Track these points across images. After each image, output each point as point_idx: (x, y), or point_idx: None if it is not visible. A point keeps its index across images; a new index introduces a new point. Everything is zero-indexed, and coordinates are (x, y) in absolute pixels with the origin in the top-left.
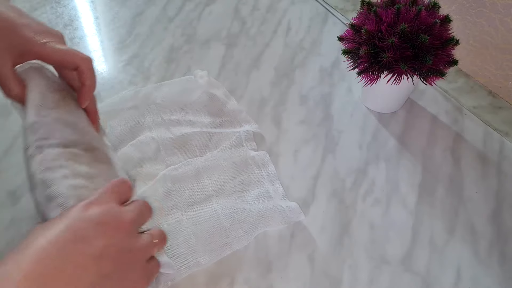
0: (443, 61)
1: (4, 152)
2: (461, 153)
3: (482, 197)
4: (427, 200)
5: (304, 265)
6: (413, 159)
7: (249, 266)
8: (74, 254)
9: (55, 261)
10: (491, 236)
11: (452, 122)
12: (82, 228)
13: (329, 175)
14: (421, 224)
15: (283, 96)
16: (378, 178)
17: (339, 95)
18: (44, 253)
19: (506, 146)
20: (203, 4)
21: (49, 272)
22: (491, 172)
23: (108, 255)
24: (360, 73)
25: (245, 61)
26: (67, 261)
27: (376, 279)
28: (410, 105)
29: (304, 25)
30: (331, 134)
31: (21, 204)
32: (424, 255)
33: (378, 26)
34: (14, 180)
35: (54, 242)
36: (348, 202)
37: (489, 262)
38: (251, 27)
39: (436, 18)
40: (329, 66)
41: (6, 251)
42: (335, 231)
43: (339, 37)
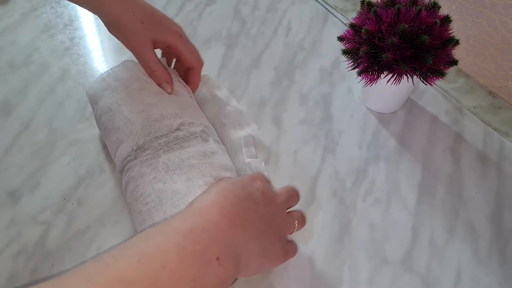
0: (443, 61)
1: (4, 152)
2: (461, 153)
3: (482, 197)
4: (427, 200)
5: (304, 265)
6: (413, 159)
7: None
8: (248, 208)
9: (235, 205)
10: (491, 236)
11: (452, 122)
12: (252, 192)
13: (329, 175)
14: (421, 224)
15: (283, 96)
16: (378, 178)
17: (339, 95)
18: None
19: (506, 146)
20: (203, 4)
21: (231, 211)
22: (491, 172)
23: (266, 219)
24: (360, 73)
25: (245, 61)
26: (244, 210)
27: (376, 279)
28: (410, 105)
29: (304, 25)
30: (331, 134)
31: (21, 204)
32: (424, 255)
33: (378, 26)
34: (14, 180)
35: (235, 192)
36: (348, 202)
37: (489, 262)
38: (251, 27)
39: (436, 18)
40: (329, 66)
41: (6, 251)
42: (335, 231)
43: (339, 37)
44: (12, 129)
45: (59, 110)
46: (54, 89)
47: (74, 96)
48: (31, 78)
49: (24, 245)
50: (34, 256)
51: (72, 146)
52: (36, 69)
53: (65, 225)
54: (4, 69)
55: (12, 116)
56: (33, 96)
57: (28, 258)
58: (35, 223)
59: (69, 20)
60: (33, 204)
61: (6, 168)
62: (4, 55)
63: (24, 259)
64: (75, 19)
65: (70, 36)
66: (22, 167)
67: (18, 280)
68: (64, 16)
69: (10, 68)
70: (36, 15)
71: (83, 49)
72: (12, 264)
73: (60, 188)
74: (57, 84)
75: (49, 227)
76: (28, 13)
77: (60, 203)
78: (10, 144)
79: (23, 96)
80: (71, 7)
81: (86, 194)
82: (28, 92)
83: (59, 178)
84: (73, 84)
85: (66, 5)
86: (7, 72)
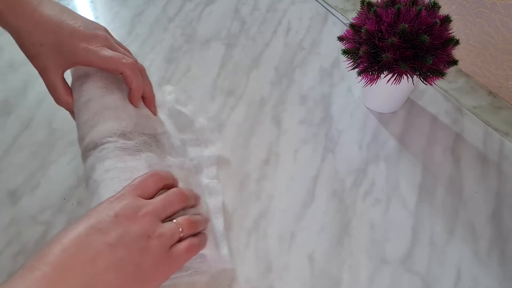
0: (443, 61)
1: (4, 152)
2: (461, 153)
3: (482, 197)
4: (427, 200)
5: (304, 265)
6: (413, 159)
7: (249, 266)
8: (90, 243)
9: (70, 250)
10: (491, 236)
11: (452, 122)
12: (100, 221)
13: (329, 175)
14: (421, 224)
15: (283, 96)
16: (378, 178)
17: (339, 95)
18: (61, 246)
19: (506, 146)
20: (203, 4)
21: (65, 259)
22: (491, 172)
23: (122, 242)
24: (360, 73)
25: (245, 61)
26: (83, 249)
27: (376, 279)
28: (410, 105)
29: (304, 25)
30: (331, 134)
31: (21, 204)
32: (424, 255)
33: (378, 26)
34: (14, 180)
35: (72, 236)
36: (348, 202)
37: (489, 262)
38: (251, 27)
39: (436, 18)
40: (329, 66)
41: (6, 251)
42: (335, 231)
43: (339, 37)
44: (12, 129)
45: (59, 110)
46: None
47: None
48: (31, 78)
49: (24, 245)
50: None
51: (72, 146)
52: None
53: (65, 225)
54: (4, 69)
55: (12, 116)
56: (33, 96)
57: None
58: (35, 223)
59: None
60: (33, 204)
61: (6, 168)
62: (4, 55)
63: (24, 259)
64: None
65: None
66: (22, 167)
67: None
68: None
69: (10, 68)
70: None
71: None
72: (12, 264)
73: (60, 188)
74: None
75: (49, 227)
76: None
77: (60, 203)
78: (10, 144)
79: (23, 96)
80: (71, 7)
81: (86, 194)
82: (28, 92)
83: (59, 178)
84: None
85: (66, 5)
86: (7, 72)
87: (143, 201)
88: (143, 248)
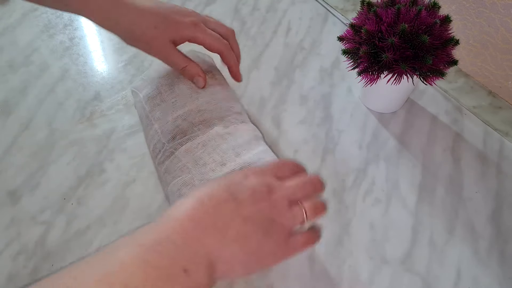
0: (443, 61)
1: (4, 152)
2: (461, 153)
3: (482, 197)
4: (427, 200)
5: (304, 265)
6: (413, 159)
7: None
8: (226, 210)
9: (209, 211)
10: (491, 236)
11: (452, 122)
12: (238, 191)
13: (329, 175)
14: (421, 224)
15: (283, 96)
16: (378, 178)
17: (339, 95)
18: (201, 204)
19: (506, 146)
20: (203, 4)
21: (203, 218)
22: (491, 172)
23: (253, 218)
24: (360, 73)
25: (245, 61)
26: (220, 214)
27: (376, 279)
28: (410, 105)
29: (304, 25)
30: (331, 134)
31: (21, 204)
32: (424, 255)
33: (378, 26)
34: (14, 180)
35: (212, 195)
36: (348, 202)
37: (489, 262)
38: (251, 27)
39: (436, 18)
40: (329, 66)
41: (6, 251)
42: (335, 231)
43: (339, 37)
44: (12, 129)
45: (59, 110)
46: (54, 89)
47: (74, 96)
48: (31, 78)
49: (24, 245)
50: (34, 256)
51: (72, 146)
52: (36, 69)
53: (65, 225)
54: (4, 69)
55: (12, 116)
56: (33, 96)
57: (28, 258)
58: (35, 223)
59: (69, 20)
60: (33, 204)
61: (6, 168)
62: (4, 55)
63: (24, 259)
64: (75, 19)
65: (70, 36)
66: (22, 167)
67: (18, 280)
68: (64, 16)
69: (10, 68)
70: (36, 15)
71: (83, 49)
72: (12, 264)
73: (60, 188)
74: (57, 84)
75: (49, 227)
76: (28, 13)
77: (60, 203)
78: (10, 144)
79: (23, 96)
80: None
81: (86, 194)
82: (28, 92)
83: (59, 178)
84: (73, 84)
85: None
86: (7, 72)
87: (278, 183)
88: (266, 230)
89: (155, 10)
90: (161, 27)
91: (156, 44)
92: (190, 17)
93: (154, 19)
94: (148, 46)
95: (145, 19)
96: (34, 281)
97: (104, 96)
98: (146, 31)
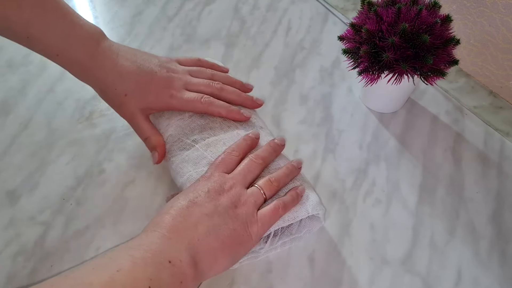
0: (444, 60)
1: (3, 152)
2: (462, 153)
3: (482, 198)
4: (428, 200)
5: (304, 265)
6: (414, 159)
7: (249, 266)
8: (191, 213)
9: (177, 218)
10: (491, 237)
11: (453, 122)
12: (197, 196)
13: (329, 175)
14: (421, 225)
15: (283, 96)
16: (379, 178)
17: (339, 95)
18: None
19: (507, 146)
20: (202, 3)
21: (175, 224)
22: (492, 172)
23: (216, 211)
24: (361, 73)
25: (245, 60)
26: (187, 218)
27: (376, 279)
28: (410, 105)
29: (304, 25)
30: (331, 134)
31: (20, 204)
32: (425, 256)
33: (379, 25)
34: (13, 180)
35: (177, 207)
36: (348, 202)
37: (489, 262)
38: (251, 27)
39: (437, 17)
40: (330, 66)
41: (5, 251)
42: (335, 231)
43: (340, 37)
44: (11, 129)
45: (58, 110)
46: (53, 89)
47: (73, 96)
48: (30, 78)
49: (23, 246)
50: (33, 256)
51: (71, 146)
52: (35, 69)
53: (64, 225)
54: (3, 69)
55: (11, 116)
56: (32, 96)
57: (27, 259)
58: (34, 224)
59: None
60: (32, 204)
61: (5, 168)
62: (3, 55)
63: (23, 259)
64: None
65: None
66: (21, 167)
67: (17, 280)
68: None
69: (9, 68)
70: None
71: None
72: (11, 265)
73: (59, 188)
74: (56, 84)
75: (48, 227)
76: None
77: (59, 203)
78: (9, 144)
79: (22, 96)
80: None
81: (85, 194)
82: (27, 92)
83: (58, 178)
84: (72, 84)
85: None
86: (6, 72)
87: (226, 176)
88: (233, 216)
89: (131, 74)
90: (132, 95)
91: (124, 110)
92: (167, 88)
93: (126, 86)
94: (117, 109)
95: (118, 83)
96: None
97: None
98: (117, 97)
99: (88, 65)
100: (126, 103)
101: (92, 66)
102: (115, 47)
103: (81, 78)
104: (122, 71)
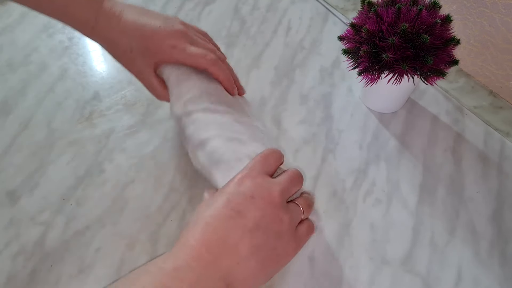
0: (444, 61)
1: (3, 152)
2: (462, 153)
3: (483, 197)
4: (428, 200)
5: (304, 265)
6: (414, 159)
7: None
8: (233, 227)
9: (218, 232)
10: (492, 237)
11: (453, 122)
12: (238, 203)
13: (329, 175)
14: (421, 225)
15: (283, 96)
16: (379, 178)
17: (339, 95)
18: (209, 227)
19: (507, 146)
20: (202, 3)
21: (214, 241)
22: (492, 172)
23: (260, 227)
24: (361, 73)
25: (245, 60)
26: (228, 233)
27: (377, 279)
28: (410, 105)
29: (304, 25)
30: (331, 134)
31: (20, 204)
32: (425, 256)
33: (379, 25)
34: (13, 180)
35: (216, 216)
36: (348, 202)
37: (490, 262)
38: (251, 27)
39: (437, 17)
40: (330, 66)
41: (5, 251)
42: (335, 231)
43: (340, 37)
44: (11, 129)
45: (58, 110)
46: (53, 89)
47: (73, 96)
48: (30, 78)
49: (23, 246)
50: (33, 256)
51: (71, 146)
52: (35, 69)
53: (64, 225)
54: (3, 69)
55: (11, 116)
56: (32, 96)
57: (27, 259)
58: (34, 224)
59: None
60: (32, 204)
61: (5, 168)
62: (3, 55)
63: (23, 259)
64: None
65: (69, 35)
66: (21, 167)
67: (17, 280)
68: None
69: (9, 67)
70: (35, 14)
71: (82, 49)
72: (11, 265)
73: (59, 188)
74: (56, 83)
75: (48, 227)
76: (27, 13)
77: (59, 204)
78: (9, 144)
79: (22, 96)
80: None
81: (85, 195)
82: (27, 92)
83: (58, 178)
84: (72, 84)
85: None
86: (6, 72)
87: (272, 181)
88: (277, 233)
89: (136, 31)
90: (137, 51)
91: (131, 67)
92: (170, 39)
93: (131, 42)
94: (125, 66)
95: (124, 40)
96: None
97: (103, 96)
98: (123, 54)
99: (93, 24)
100: (132, 60)
101: (97, 24)
102: (119, 5)
103: (89, 36)
104: (126, 28)
